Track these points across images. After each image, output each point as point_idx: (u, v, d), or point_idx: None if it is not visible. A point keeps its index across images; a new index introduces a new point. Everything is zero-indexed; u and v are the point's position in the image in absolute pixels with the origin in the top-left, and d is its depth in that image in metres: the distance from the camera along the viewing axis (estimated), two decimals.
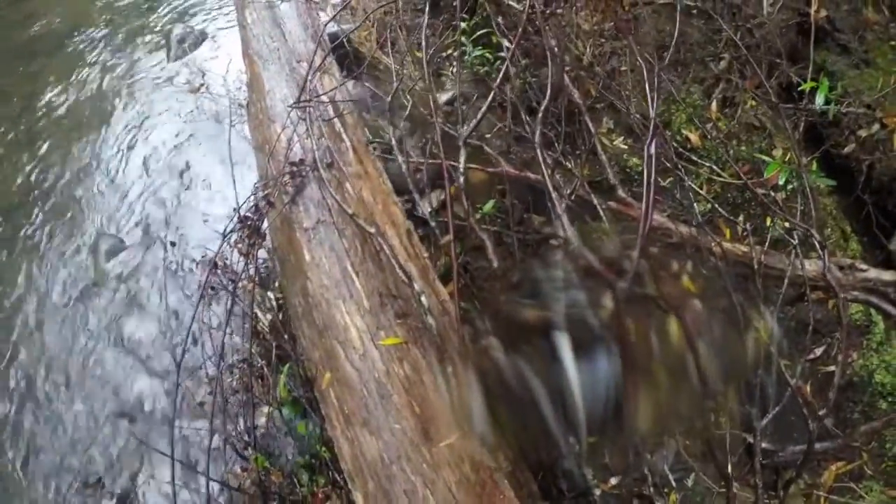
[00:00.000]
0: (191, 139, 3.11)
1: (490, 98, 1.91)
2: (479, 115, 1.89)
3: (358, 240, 1.81)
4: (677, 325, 1.54)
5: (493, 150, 2.46)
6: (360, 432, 1.63)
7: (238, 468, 1.88)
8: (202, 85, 3.20)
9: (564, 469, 2.05)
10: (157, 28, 3.99)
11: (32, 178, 3.22)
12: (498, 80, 1.95)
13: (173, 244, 2.68)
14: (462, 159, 1.77)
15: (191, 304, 2.50)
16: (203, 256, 2.47)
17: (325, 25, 2.69)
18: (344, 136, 2.12)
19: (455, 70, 2.88)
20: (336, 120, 2.15)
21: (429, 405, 1.58)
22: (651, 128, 1.70)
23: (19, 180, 3.21)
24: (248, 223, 1.87)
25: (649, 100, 1.59)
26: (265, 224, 1.92)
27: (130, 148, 3.21)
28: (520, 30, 1.89)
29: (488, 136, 2.69)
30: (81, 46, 3.98)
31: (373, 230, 1.70)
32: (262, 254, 2.48)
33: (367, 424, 1.63)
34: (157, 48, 3.80)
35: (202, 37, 3.66)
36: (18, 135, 3.46)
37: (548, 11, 2.32)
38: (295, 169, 1.92)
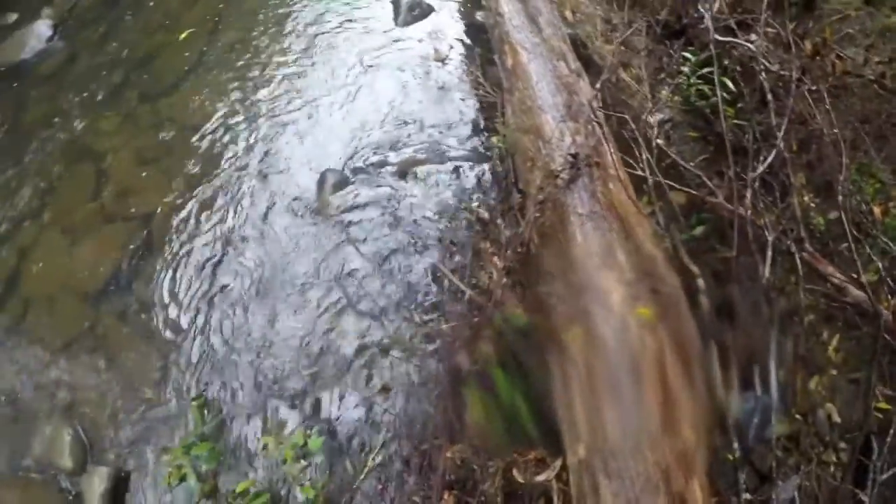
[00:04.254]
0: (419, 102, 3.38)
1: (772, 155, 2.20)
2: (768, 159, 2.19)
3: (623, 234, 2.15)
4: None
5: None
6: (602, 390, 1.98)
7: None
8: (447, 56, 3.51)
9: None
10: None
11: (262, 116, 3.49)
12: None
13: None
14: (748, 196, 2.08)
15: (407, 249, 2.82)
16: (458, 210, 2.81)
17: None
18: (603, 140, 2.45)
19: (667, 93, 3.18)
20: (597, 124, 2.47)
21: (674, 382, 1.90)
22: None
23: (251, 113, 3.50)
24: (529, 195, 2.22)
25: None
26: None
27: (359, 98, 3.46)
28: (791, 103, 2.17)
29: (692, 164, 3.01)
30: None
31: (662, 232, 2.03)
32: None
33: (611, 385, 1.97)
34: (375, 11, 4.05)
35: (429, 8, 3.94)
36: (246, 72, 3.75)
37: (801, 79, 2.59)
38: (572, 160, 2.26)
